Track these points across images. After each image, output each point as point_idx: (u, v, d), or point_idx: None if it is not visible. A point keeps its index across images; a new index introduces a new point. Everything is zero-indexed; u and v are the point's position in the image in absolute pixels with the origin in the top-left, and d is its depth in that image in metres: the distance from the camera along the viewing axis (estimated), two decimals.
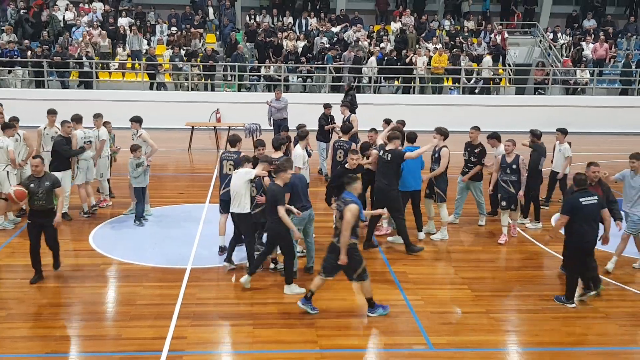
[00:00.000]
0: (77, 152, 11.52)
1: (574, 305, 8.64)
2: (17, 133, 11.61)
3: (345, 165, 10.21)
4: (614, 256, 9.85)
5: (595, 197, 8.40)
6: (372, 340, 7.70)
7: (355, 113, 15.54)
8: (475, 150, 11.28)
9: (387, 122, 12.07)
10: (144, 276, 9.34)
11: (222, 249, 10.08)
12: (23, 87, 22.80)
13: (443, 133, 11.02)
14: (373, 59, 23.70)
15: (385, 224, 11.41)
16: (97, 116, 12.36)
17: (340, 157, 11.57)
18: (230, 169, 9.77)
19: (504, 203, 10.91)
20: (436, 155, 11.01)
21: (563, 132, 12.39)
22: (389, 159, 10.15)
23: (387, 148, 10.22)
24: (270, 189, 8.57)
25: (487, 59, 24.78)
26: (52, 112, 12.39)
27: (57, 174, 11.30)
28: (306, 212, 9.13)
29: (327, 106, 15.30)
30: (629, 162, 9.65)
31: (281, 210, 8.41)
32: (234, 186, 8.98)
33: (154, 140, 12.02)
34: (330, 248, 8.03)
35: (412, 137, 10.89)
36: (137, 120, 12.14)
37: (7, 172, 11.07)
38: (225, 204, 9.74)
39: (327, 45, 24.22)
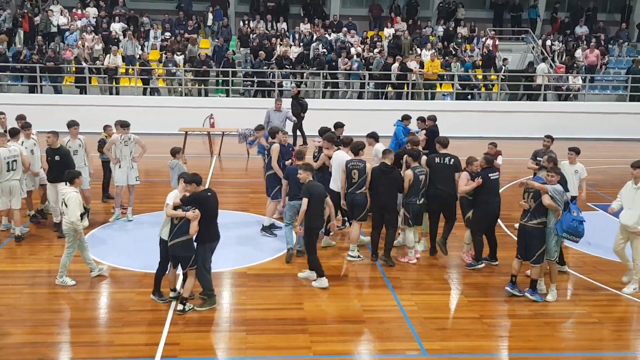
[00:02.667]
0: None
1: (482, 264, 10.11)
2: (33, 138, 11.51)
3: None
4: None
5: (497, 173, 9.99)
6: (365, 346, 7.70)
7: (303, 118, 15.52)
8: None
9: (423, 120, 12.97)
10: (137, 282, 9.30)
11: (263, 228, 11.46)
12: (16, 92, 22.76)
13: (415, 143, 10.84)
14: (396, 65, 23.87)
15: (419, 247, 10.78)
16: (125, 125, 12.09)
17: (354, 177, 10.14)
18: (265, 159, 11.64)
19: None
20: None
21: (576, 151, 11.09)
22: (450, 163, 10.27)
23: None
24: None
25: (543, 66, 24.74)
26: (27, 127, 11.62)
27: (50, 185, 11.02)
28: (297, 201, 9.59)
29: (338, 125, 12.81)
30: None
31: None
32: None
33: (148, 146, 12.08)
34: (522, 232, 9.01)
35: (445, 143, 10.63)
36: (126, 125, 11.87)
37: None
38: (266, 188, 11.43)
39: (324, 51, 24.27)
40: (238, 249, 10.67)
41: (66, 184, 8.99)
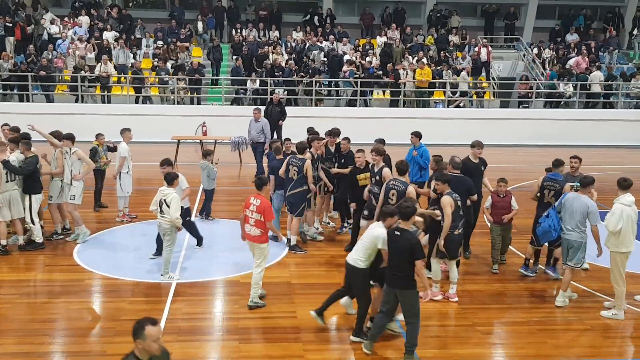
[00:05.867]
0: (22, 171, 10.50)
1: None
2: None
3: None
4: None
5: None
6: (358, 354, 7.67)
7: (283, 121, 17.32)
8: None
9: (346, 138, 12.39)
10: (129, 291, 9.28)
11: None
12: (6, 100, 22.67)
13: (380, 153, 10.17)
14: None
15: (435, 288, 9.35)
16: (124, 131, 12.48)
17: (392, 198, 9.24)
18: (294, 175, 10.84)
19: (365, 212, 10.04)
20: (377, 177, 10.05)
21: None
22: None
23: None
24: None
25: (598, 74, 24.73)
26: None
27: (28, 196, 10.80)
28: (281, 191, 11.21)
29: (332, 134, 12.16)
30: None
31: None
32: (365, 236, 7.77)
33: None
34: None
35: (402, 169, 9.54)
36: (69, 137, 11.26)
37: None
38: (291, 205, 10.99)
39: (324, 59, 24.33)
40: (230, 258, 10.65)
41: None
